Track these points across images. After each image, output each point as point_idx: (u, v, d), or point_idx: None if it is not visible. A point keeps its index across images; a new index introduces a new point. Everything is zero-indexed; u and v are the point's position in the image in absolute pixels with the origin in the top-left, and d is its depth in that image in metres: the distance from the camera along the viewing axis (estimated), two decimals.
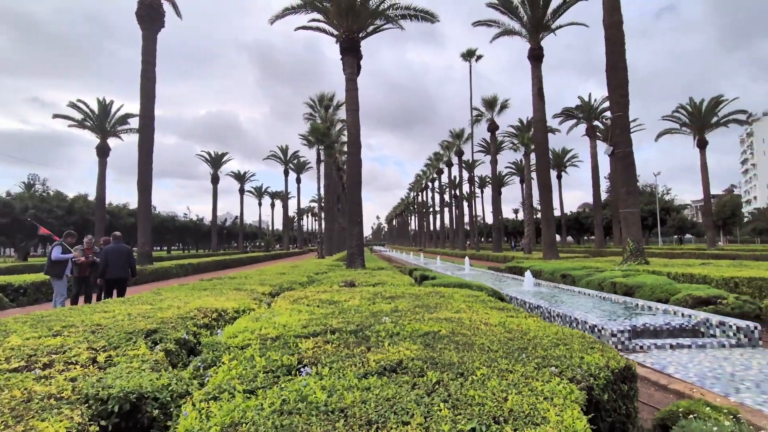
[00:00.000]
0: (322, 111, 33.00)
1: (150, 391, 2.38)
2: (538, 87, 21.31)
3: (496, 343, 2.83)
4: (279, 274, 10.96)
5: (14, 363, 2.73)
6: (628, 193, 14.49)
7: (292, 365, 2.54)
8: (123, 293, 8.52)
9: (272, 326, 3.54)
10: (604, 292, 10.06)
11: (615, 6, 15.16)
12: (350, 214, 14.26)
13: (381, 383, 2.07)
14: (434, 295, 5.59)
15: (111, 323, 3.99)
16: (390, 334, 3.15)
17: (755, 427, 2.80)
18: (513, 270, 17.18)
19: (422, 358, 2.47)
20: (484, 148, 49.16)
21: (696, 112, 34.37)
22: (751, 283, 7.79)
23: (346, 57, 14.42)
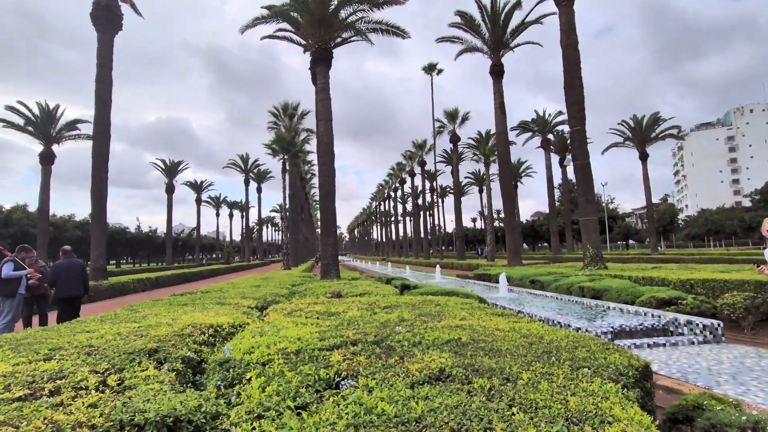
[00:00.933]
0: (286, 120, 32.58)
1: (184, 414, 2.25)
2: (499, 101, 22.30)
3: (521, 348, 2.94)
4: (254, 286, 10.62)
5: (16, 391, 2.48)
6: (587, 201, 15.43)
7: (330, 378, 2.50)
8: (77, 313, 7.91)
9: (286, 340, 3.45)
10: (572, 295, 10.61)
11: (571, 28, 16.26)
12: (324, 224, 14.12)
13: (435, 391, 2.10)
14: (429, 303, 5.67)
15: (103, 344, 3.72)
16: (413, 344, 3.18)
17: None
18: (481, 277, 17.66)
19: (460, 365, 2.52)
20: (445, 159, 50.48)
21: (638, 127, 37.30)
22: (705, 284, 8.52)
23: (318, 67, 14.40)
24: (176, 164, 47.16)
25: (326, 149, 13.86)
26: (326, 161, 13.87)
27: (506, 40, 22.63)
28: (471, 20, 22.36)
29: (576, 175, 15.82)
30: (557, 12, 16.83)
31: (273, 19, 15.88)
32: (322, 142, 13.91)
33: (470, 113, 37.27)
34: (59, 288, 7.37)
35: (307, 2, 13.95)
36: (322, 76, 14.32)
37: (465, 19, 22.24)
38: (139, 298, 15.44)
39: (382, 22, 14.98)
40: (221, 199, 66.41)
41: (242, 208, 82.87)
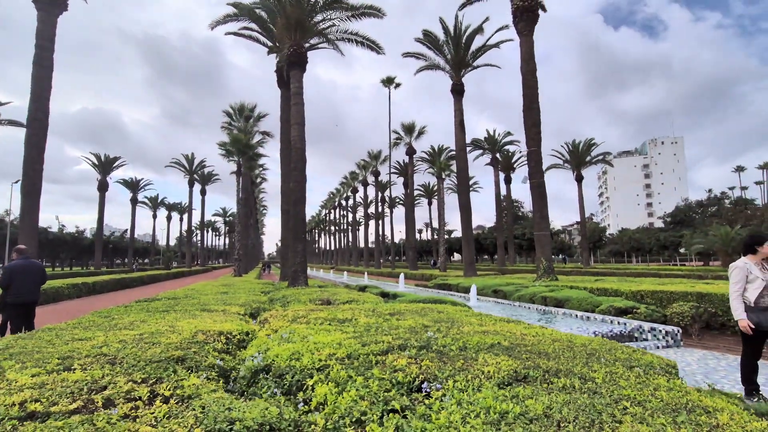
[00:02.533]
0: (241, 122, 31.46)
1: (276, 422, 2.17)
2: (459, 119, 23.32)
3: (565, 351, 3.16)
4: (221, 293, 10.08)
5: (66, 404, 2.23)
6: (542, 217, 16.55)
7: (410, 382, 2.53)
8: (32, 320, 7.08)
9: (327, 346, 3.40)
10: (535, 304, 11.30)
11: (531, 56, 17.52)
12: (294, 230, 13.79)
13: (528, 391, 2.22)
14: (430, 311, 5.79)
15: (115, 352, 3.41)
16: (460, 348, 3.28)
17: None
18: (441, 287, 18.15)
19: (528, 367, 2.66)
20: (398, 170, 51.41)
21: (575, 151, 40.72)
22: (654, 295, 9.51)
23: (293, 71, 14.19)
24: (112, 160, 43.31)
25: (299, 154, 13.63)
26: (299, 167, 13.61)
27: (467, 60, 23.82)
28: (435, 40, 23.27)
29: (532, 193, 16.92)
30: (514, 39, 18.11)
31: (244, 18, 15.45)
32: (295, 147, 13.65)
33: (426, 127, 38.45)
34: (14, 292, 6.54)
35: (284, 5, 13.75)
36: (297, 80, 14.12)
37: (430, 38, 23.11)
38: (76, 305, 13.96)
39: (358, 33, 15.16)
40: (159, 200, 61.96)
41: (181, 210, 78.03)
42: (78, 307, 13.34)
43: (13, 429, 1.91)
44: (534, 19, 17.64)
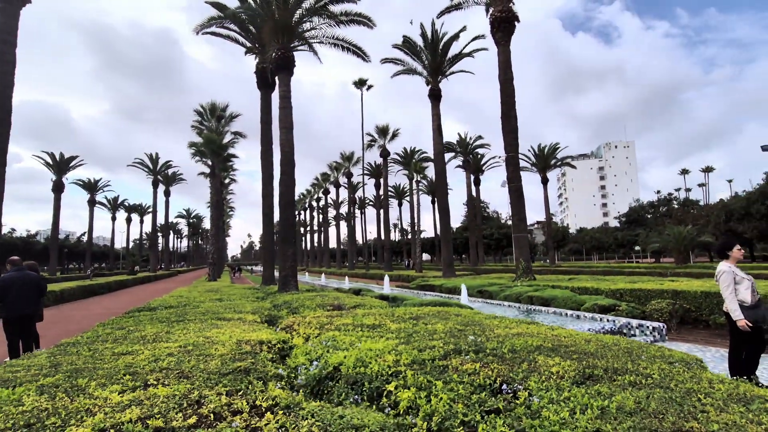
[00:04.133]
0: (213, 122, 30.62)
1: (392, 427, 2.35)
2: (437, 124, 23.86)
3: (604, 349, 3.51)
4: (216, 300, 9.92)
5: (180, 419, 2.30)
6: (520, 220, 17.31)
7: (490, 384, 2.78)
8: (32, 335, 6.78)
9: (385, 353, 3.58)
10: (522, 303, 11.89)
11: (508, 66, 18.26)
12: (284, 234, 13.68)
13: (604, 388, 2.52)
14: (448, 314, 6.07)
15: (175, 366, 3.44)
16: (510, 350, 3.56)
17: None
18: (424, 288, 18.56)
19: (588, 366, 2.98)
20: (370, 172, 51.67)
21: (541, 155, 42.57)
22: (632, 293, 10.28)
23: (280, 74, 14.09)
24: (68, 160, 40.73)
25: (287, 158, 13.55)
26: (287, 171, 13.54)
27: (444, 67, 24.44)
28: (414, 46, 23.72)
29: (510, 196, 17.66)
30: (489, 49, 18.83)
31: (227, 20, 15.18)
32: (283, 151, 13.55)
33: (399, 130, 38.94)
34: (9, 306, 6.23)
35: (273, 10, 13.65)
36: (284, 83, 14.04)
37: (408, 44, 23.52)
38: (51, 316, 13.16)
39: (345, 39, 15.25)
40: (119, 202, 58.82)
41: (142, 212, 74.52)
42: (53, 319, 12.62)
43: None
44: (511, 30, 18.40)
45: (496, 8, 18.29)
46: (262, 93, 19.22)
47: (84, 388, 2.86)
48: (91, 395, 2.70)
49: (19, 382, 3.07)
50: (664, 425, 1.92)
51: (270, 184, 18.68)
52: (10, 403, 2.58)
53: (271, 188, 18.80)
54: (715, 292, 8.67)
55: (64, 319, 12.20)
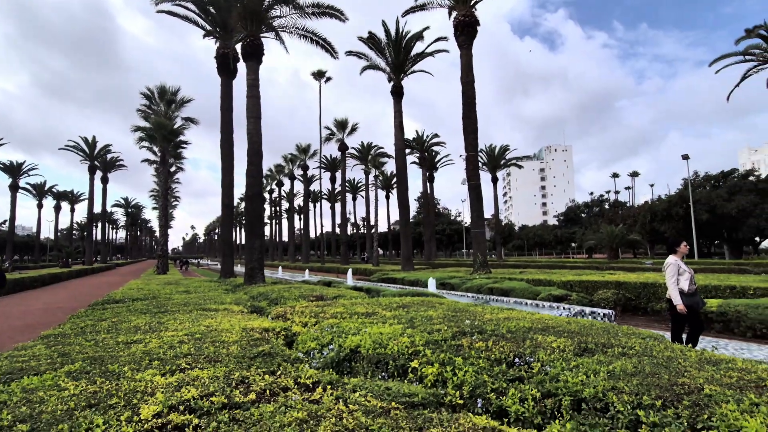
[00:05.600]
0: (162, 106, 28.88)
1: (431, 397, 2.64)
2: (399, 121, 24.31)
3: (586, 329, 4.04)
4: (183, 292, 9.60)
5: (240, 396, 2.43)
6: (478, 216, 18.24)
7: (504, 358, 3.16)
8: None
9: (398, 336, 3.88)
10: (482, 294, 12.67)
11: (469, 68, 19.06)
12: (252, 226, 13.40)
13: (603, 358, 3.00)
14: (433, 303, 6.47)
15: (195, 351, 3.50)
16: (508, 330, 3.98)
17: None
18: (386, 281, 19.00)
19: (581, 342, 3.47)
20: (326, 165, 51.25)
21: (492, 155, 44.66)
22: (581, 284, 11.36)
23: (248, 62, 13.72)
24: None
25: (255, 149, 13.28)
26: (255, 161, 13.27)
27: (407, 65, 24.89)
28: (378, 42, 23.91)
29: (470, 194, 18.53)
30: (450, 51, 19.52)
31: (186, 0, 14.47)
32: (251, 141, 13.26)
33: (359, 124, 39.02)
34: None
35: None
36: (252, 71, 13.70)
37: (374, 40, 23.68)
38: None
39: (315, 32, 15.13)
40: (46, 188, 53.39)
41: (72, 200, 68.27)
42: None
43: (230, 420, 2.14)
44: (473, 33, 19.19)
45: (459, 12, 18.98)
46: (223, 80, 18.52)
47: (119, 373, 2.88)
48: (133, 378, 2.74)
49: (40, 370, 3.00)
50: (662, 381, 2.39)
51: (230, 175, 18.14)
52: (51, 388, 2.57)
53: (232, 179, 18.27)
54: (651, 283, 9.86)
55: (1, 315, 11.16)
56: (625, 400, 2.22)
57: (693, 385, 2.28)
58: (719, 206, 30.99)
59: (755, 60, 20.86)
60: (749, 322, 6.87)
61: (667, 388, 2.29)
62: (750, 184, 32.50)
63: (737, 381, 2.34)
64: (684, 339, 5.65)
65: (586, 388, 2.42)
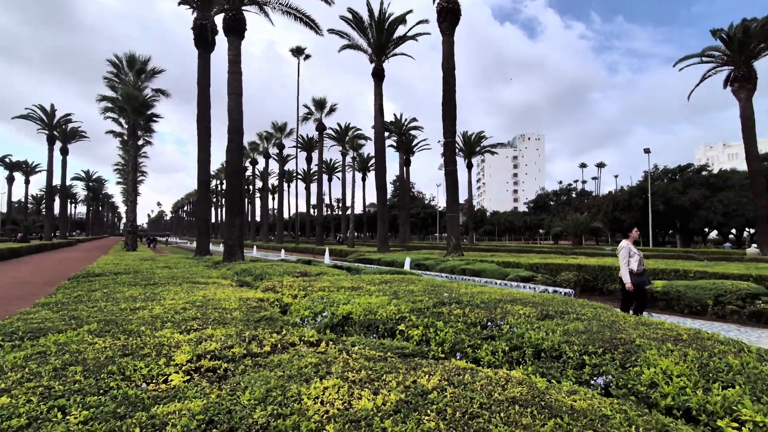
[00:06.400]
0: (132, 75, 27.71)
1: (421, 349, 3.11)
2: (379, 103, 24.45)
3: (549, 301, 4.64)
4: (165, 267, 9.71)
5: (257, 348, 2.82)
6: (453, 201, 18.89)
7: (478, 322, 3.68)
8: None
9: (386, 305, 4.33)
10: (455, 275, 13.37)
11: (450, 55, 19.37)
12: (230, 203, 13.46)
13: (562, 321, 3.56)
14: (413, 279, 6.97)
15: (201, 315, 3.83)
16: (481, 301, 4.51)
17: None
18: (362, 261, 19.47)
19: (542, 311, 4.03)
20: (302, 145, 50.66)
21: (468, 142, 45.46)
22: (546, 267, 12.21)
23: (230, 37, 13.52)
24: None
25: (236, 126, 13.23)
26: (235, 138, 13.25)
27: (389, 47, 24.90)
28: (361, 22, 23.75)
29: (446, 179, 19.11)
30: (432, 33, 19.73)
31: None
32: (232, 118, 13.19)
33: (337, 105, 38.72)
34: None
35: None
36: (234, 47, 13.52)
37: (356, 20, 23.48)
38: None
39: (299, 9, 14.98)
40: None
41: (27, 171, 64.61)
42: None
43: (255, 365, 2.53)
44: (456, 20, 19.44)
45: None
46: (200, 52, 18.03)
47: (138, 332, 3.19)
48: (153, 336, 3.07)
49: (60, 329, 3.27)
50: (605, 336, 2.95)
51: (206, 151, 17.90)
52: (81, 342, 2.86)
53: (208, 155, 18.05)
54: (608, 266, 10.77)
55: None
56: (575, 349, 2.77)
57: (628, 339, 2.85)
58: (674, 198, 33.11)
59: (714, 62, 22.21)
60: (687, 301, 7.79)
61: (607, 341, 2.85)
62: (703, 179, 34.79)
63: (661, 336, 2.93)
64: (631, 313, 6.42)
65: (545, 342, 2.96)
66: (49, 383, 2.07)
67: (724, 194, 32.19)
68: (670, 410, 2.09)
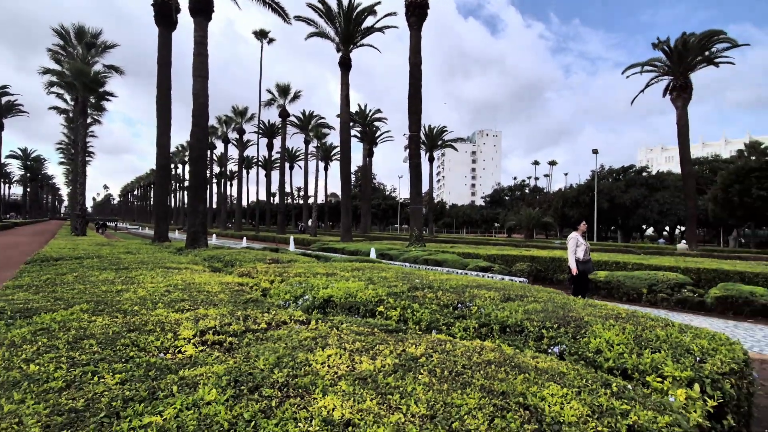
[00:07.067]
0: (80, 49, 25.82)
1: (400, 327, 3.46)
2: (345, 93, 24.43)
3: (508, 286, 5.15)
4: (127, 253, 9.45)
5: (253, 325, 3.04)
6: (417, 193, 19.43)
7: (450, 304, 4.09)
8: None
9: (365, 289, 4.65)
10: (418, 264, 13.91)
11: (417, 50, 19.74)
12: (194, 189, 13.12)
13: (522, 303, 4.04)
14: (382, 267, 7.33)
15: (188, 297, 3.97)
16: (451, 287, 4.94)
17: None
18: (326, 250, 19.64)
19: (505, 294, 4.52)
20: (264, 131, 49.41)
21: (430, 135, 46.36)
22: (502, 258, 13.02)
23: (197, 18, 13.05)
24: None
25: (201, 109, 12.87)
26: (200, 123, 12.90)
27: (356, 37, 24.86)
28: (329, 11, 23.51)
29: (410, 172, 19.59)
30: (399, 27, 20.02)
31: None
32: (197, 102, 12.81)
33: (301, 92, 38.10)
34: None
35: None
36: (201, 28, 13.09)
37: (325, 7, 23.23)
38: None
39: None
40: None
41: None
42: None
43: (257, 339, 2.77)
44: (423, 15, 19.80)
45: None
46: (161, 30, 17.21)
47: (133, 311, 3.31)
48: (149, 315, 3.20)
49: (50, 309, 3.31)
50: (558, 315, 3.45)
51: (167, 134, 17.23)
52: (80, 320, 2.96)
53: (168, 138, 17.39)
54: (558, 258, 11.70)
55: None
56: (535, 325, 3.23)
57: (578, 316, 3.36)
58: (617, 197, 35.76)
59: (656, 71, 24.14)
60: (625, 289, 8.73)
61: (561, 317, 3.34)
62: (643, 179, 37.78)
63: (605, 314, 3.47)
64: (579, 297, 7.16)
65: (509, 319, 3.41)
66: (69, 354, 2.21)
67: (661, 194, 35.19)
68: (611, 370, 2.57)
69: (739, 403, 2.27)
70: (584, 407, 1.75)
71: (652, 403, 1.90)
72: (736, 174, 24.64)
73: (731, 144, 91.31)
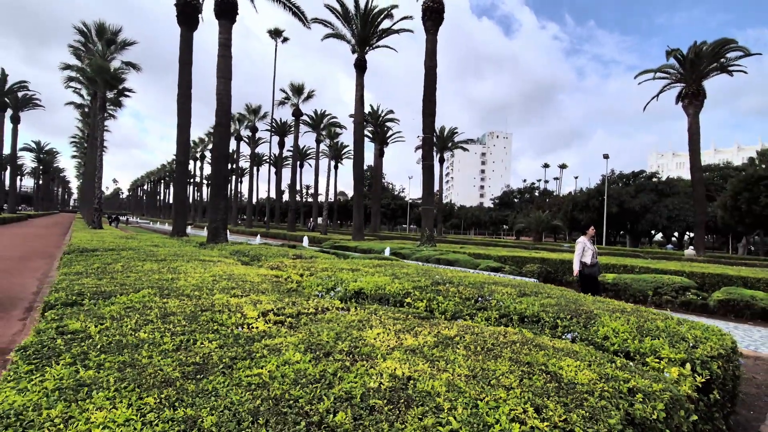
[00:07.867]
0: (101, 45, 26.59)
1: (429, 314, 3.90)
2: (360, 94, 24.89)
3: (522, 283, 5.56)
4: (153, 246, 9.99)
5: (304, 310, 3.49)
6: (429, 194, 19.83)
7: (471, 297, 4.51)
8: None
9: (392, 283, 5.09)
10: (431, 263, 14.32)
11: (433, 53, 20.12)
12: (216, 187, 13.67)
13: (539, 298, 4.46)
14: (401, 264, 7.76)
15: (236, 286, 4.43)
16: (470, 282, 5.37)
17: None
18: (339, 248, 20.10)
19: (522, 290, 4.93)
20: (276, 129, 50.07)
21: (441, 137, 46.67)
22: (513, 259, 13.39)
23: (222, 20, 13.59)
24: None
25: (224, 109, 13.41)
26: (223, 122, 13.43)
27: (372, 39, 25.31)
28: (346, 12, 23.99)
29: (423, 173, 20.00)
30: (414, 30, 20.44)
31: None
32: (220, 102, 13.34)
33: (315, 91, 38.67)
34: None
35: None
36: (225, 30, 13.62)
37: (343, 9, 23.70)
38: None
39: None
40: None
41: None
42: None
43: (310, 320, 3.22)
44: (440, 20, 20.18)
45: None
46: (183, 30, 17.79)
47: (197, 296, 3.77)
48: (211, 298, 3.66)
49: (125, 292, 3.78)
50: (571, 308, 3.86)
51: (186, 132, 17.82)
52: (156, 302, 3.43)
53: (188, 136, 17.98)
54: (567, 260, 12.04)
55: None
56: (550, 316, 3.65)
57: (588, 309, 3.77)
58: (627, 202, 35.83)
59: (669, 78, 24.30)
60: (632, 291, 9.08)
61: (573, 310, 3.75)
62: (652, 185, 37.78)
63: (612, 308, 3.87)
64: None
65: (527, 310, 3.83)
66: (164, 326, 2.68)
67: (670, 200, 35.21)
68: (616, 353, 2.98)
69: (725, 381, 2.68)
70: (594, 374, 2.17)
71: (649, 376, 2.32)
72: (746, 182, 24.70)
73: (744, 151, 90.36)
